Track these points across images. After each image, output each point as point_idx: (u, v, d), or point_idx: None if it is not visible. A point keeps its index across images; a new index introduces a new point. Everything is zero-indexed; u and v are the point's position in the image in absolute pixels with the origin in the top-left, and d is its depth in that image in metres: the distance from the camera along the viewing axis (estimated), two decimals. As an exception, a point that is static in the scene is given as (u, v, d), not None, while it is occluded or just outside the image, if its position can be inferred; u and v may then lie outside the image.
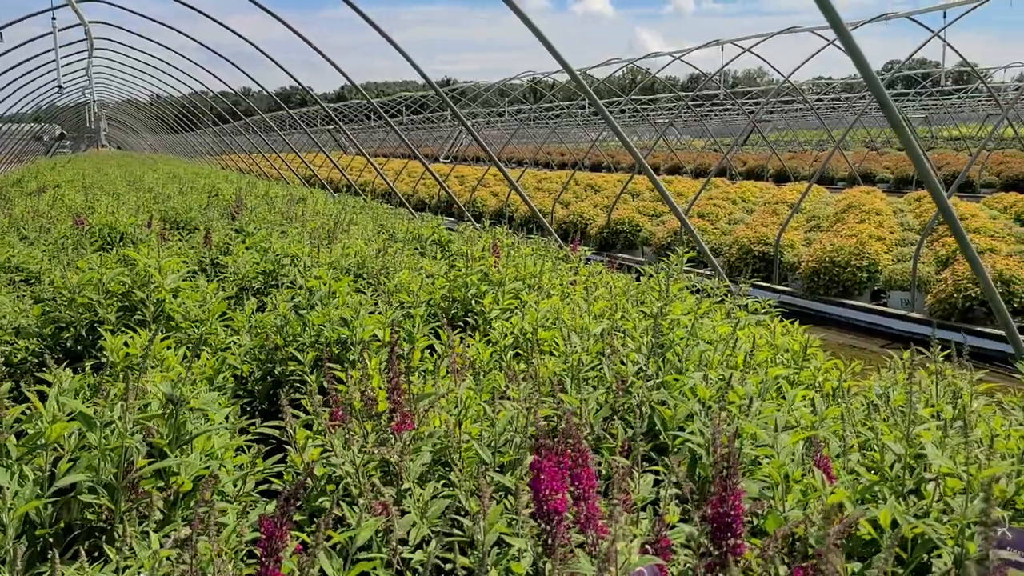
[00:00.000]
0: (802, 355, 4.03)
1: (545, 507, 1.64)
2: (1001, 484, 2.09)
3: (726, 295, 5.30)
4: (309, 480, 2.48)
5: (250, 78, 13.28)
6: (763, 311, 4.91)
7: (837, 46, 13.00)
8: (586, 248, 13.84)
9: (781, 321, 4.68)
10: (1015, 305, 7.76)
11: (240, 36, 11.02)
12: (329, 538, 1.82)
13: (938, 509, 2.13)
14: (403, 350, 3.74)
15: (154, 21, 12.86)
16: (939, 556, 1.99)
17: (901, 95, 33.03)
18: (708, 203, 14.46)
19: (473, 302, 4.86)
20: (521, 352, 4.09)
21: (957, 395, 3.01)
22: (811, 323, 9.59)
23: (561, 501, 1.64)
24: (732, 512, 1.69)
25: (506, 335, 4.16)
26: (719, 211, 13.88)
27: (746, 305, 5.12)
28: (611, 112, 33.04)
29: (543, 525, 1.66)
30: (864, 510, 1.99)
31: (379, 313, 3.83)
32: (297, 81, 11.56)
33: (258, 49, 11.07)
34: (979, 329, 7.51)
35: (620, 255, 12.70)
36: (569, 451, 1.88)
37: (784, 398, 3.36)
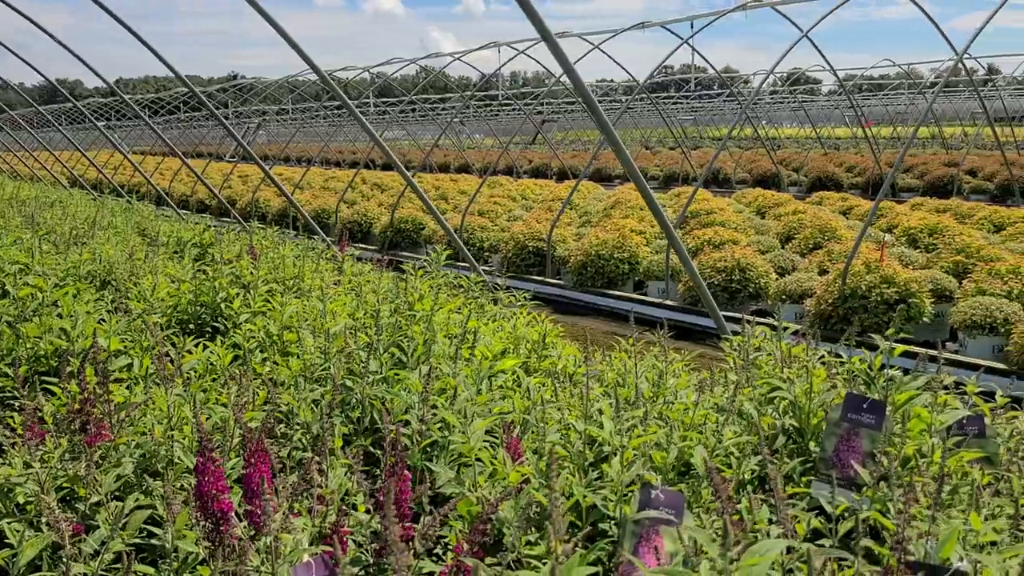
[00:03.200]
0: (541, 344, 4.25)
1: (211, 508, 1.66)
2: (661, 453, 2.34)
3: (482, 290, 5.51)
4: (-2, 502, 2.35)
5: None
6: (518, 303, 5.16)
7: (602, 50, 13.78)
8: (368, 247, 13.66)
9: (530, 312, 4.92)
10: (751, 289, 8.61)
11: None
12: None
13: (616, 479, 2.35)
14: (133, 359, 3.60)
15: None
16: (610, 520, 2.21)
17: (669, 98, 35.48)
18: (489, 201, 14.85)
19: (222, 306, 4.74)
20: (268, 355, 4.06)
21: (662, 374, 3.32)
22: (581, 313, 10.16)
23: (227, 502, 1.66)
24: (400, 498, 1.78)
25: (250, 338, 4.10)
26: (499, 208, 14.29)
27: (498, 299, 5.35)
28: (403, 111, 32.95)
29: (210, 526, 1.67)
30: (539, 485, 2.16)
31: (105, 322, 3.65)
32: (43, 75, 10.65)
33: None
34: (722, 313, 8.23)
35: (404, 253, 12.77)
36: (255, 452, 1.90)
37: (520, 385, 3.55)
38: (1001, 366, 6.42)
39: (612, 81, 37.71)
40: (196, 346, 3.68)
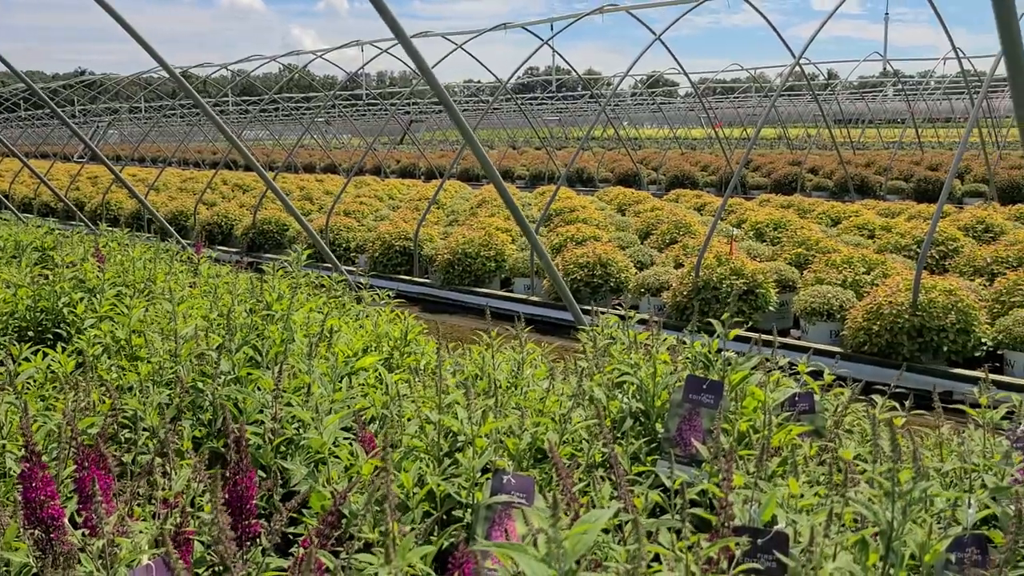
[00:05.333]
0: (404, 341, 4.25)
1: (40, 515, 1.59)
2: (514, 440, 2.41)
3: (344, 289, 5.46)
4: None
5: None
6: (383, 302, 5.14)
7: (465, 50, 13.86)
8: (230, 249, 13.21)
9: (394, 310, 4.92)
10: (612, 284, 8.89)
11: None
12: None
13: (469, 467, 2.39)
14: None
15: None
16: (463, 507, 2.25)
17: (535, 98, 36.09)
18: (356, 201, 14.67)
19: (65, 311, 4.51)
20: (116, 360, 3.89)
21: (519, 365, 3.39)
22: (450, 311, 10.19)
23: (56, 507, 1.60)
24: (245, 495, 1.76)
25: (95, 344, 3.93)
26: (366, 208, 14.15)
27: (361, 298, 5.31)
28: (264, 110, 31.98)
29: (40, 533, 1.60)
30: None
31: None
32: None
33: None
34: (584, 307, 8.47)
35: (267, 255, 12.44)
36: (94, 456, 1.83)
37: (382, 382, 3.55)
38: (837, 349, 6.90)
39: (479, 82, 37.94)
40: (35, 353, 3.49)
